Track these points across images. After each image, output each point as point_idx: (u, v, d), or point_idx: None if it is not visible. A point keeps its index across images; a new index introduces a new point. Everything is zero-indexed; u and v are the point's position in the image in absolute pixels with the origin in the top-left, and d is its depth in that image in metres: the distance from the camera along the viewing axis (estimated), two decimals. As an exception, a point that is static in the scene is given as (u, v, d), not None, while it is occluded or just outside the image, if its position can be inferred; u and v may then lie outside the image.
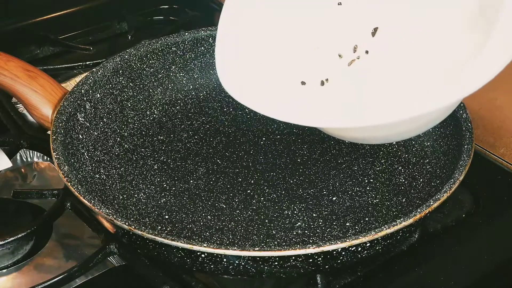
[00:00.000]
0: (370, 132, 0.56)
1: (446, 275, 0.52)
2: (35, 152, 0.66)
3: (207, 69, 0.71)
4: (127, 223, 0.48)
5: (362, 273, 0.52)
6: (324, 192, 0.58)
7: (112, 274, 0.53)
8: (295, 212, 0.56)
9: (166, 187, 0.59)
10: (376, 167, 0.61)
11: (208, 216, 0.56)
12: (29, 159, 0.66)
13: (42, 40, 0.84)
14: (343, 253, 0.47)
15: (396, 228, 0.46)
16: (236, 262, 0.47)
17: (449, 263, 0.53)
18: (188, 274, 0.51)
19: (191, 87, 0.71)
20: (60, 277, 0.51)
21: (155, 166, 0.62)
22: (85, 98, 0.62)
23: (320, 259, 0.47)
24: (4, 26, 0.84)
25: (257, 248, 0.46)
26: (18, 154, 0.66)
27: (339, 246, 0.45)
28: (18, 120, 0.69)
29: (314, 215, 0.56)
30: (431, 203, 0.48)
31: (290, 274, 0.50)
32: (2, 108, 0.71)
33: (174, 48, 0.70)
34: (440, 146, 0.59)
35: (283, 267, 0.47)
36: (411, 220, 0.47)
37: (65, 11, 0.88)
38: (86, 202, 0.50)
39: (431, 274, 0.52)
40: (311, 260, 0.47)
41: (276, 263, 0.47)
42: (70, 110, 0.60)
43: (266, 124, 0.66)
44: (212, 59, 0.69)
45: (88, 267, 0.52)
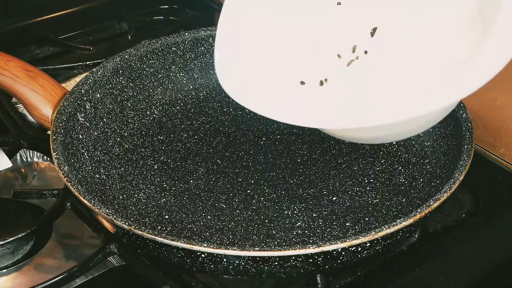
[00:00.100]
0: (370, 133, 0.56)
1: (446, 275, 0.52)
2: (35, 152, 0.66)
3: (207, 69, 0.71)
4: (127, 223, 0.48)
5: (362, 273, 0.52)
6: (324, 192, 0.58)
7: (112, 274, 0.53)
8: (295, 212, 0.56)
9: (166, 187, 0.59)
10: (376, 167, 0.61)
11: (208, 216, 0.56)
12: (29, 159, 0.66)
13: (42, 40, 0.84)
14: (343, 253, 0.47)
15: (396, 228, 0.46)
16: (236, 262, 0.47)
17: (449, 263, 0.53)
18: (188, 274, 0.51)
19: (191, 87, 0.71)
20: (60, 277, 0.51)
21: (155, 166, 0.62)
22: (85, 98, 0.62)
23: (320, 259, 0.47)
24: (4, 26, 0.84)
25: (257, 248, 0.46)
26: (18, 154, 0.66)
27: (339, 246, 0.45)
28: (18, 120, 0.69)
29: (314, 215, 0.56)
30: (431, 203, 0.48)
31: (290, 274, 0.50)
32: (2, 108, 0.71)
33: (174, 48, 0.70)
34: (440, 146, 0.59)
35: (283, 267, 0.47)
36: (411, 220, 0.47)
37: (65, 11, 0.88)
38: (86, 202, 0.50)
39: (431, 274, 0.52)
40: (311, 260, 0.47)
41: (276, 263, 0.47)
42: (70, 110, 0.60)
43: (266, 124, 0.66)
44: (212, 59, 0.69)
45: (88, 267, 0.52)
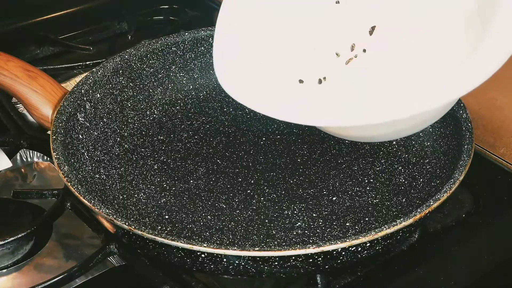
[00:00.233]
0: (368, 131, 0.56)
1: (446, 275, 0.52)
2: (35, 152, 0.66)
3: (207, 69, 0.71)
4: (127, 223, 0.48)
5: (362, 273, 0.52)
6: (324, 192, 0.58)
7: (112, 274, 0.53)
8: (295, 212, 0.56)
9: (166, 187, 0.59)
10: (376, 167, 0.60)
11: (208, 216, 0.56)
12: (29, 159, 0.66)
13: (42, 40, 0.84)
14: (343, 253, 0.47)
15: (396, 228, 0.46)
16: (236, 262, 0.47)
17: (449, 263, 0.53)
18: (188, 274, 0.51)
19: (191, 87, 0.71)
20: (60, 277, 0.51)
21: (155, 166, 0.62)
22: (85, 98, 0.62)
23: (320, 259, 0.47)
24: (4, 26, 0.84)
25: (257, 248, 0.46)
26: (18, 154, 0.66)
27: (339, 246, 0.45)
28: (18, 120, 0.69)
29: (314, 215, 0.56)
30: (431, 203, 0.48)
31: (290, 274, 0.50)
32: (2, 108, 0.71)
33: (174, 48, 0.70)
34: (440, 146, 0.59)
35: (283, 267, 0.47)
36: (411, 220, 0.47)
37: (65, 11, 0.88)
38: (86, 202, 0.50)
39: (431, 274, 0.52)
40: (311, 260, 0.47)
41: (276, 263, 0.47)
42: (70, 110, 0.60)
43: (266, 124, 0.66)
44: (212, 59, 0.69)
45: (88, 267, 0.52)
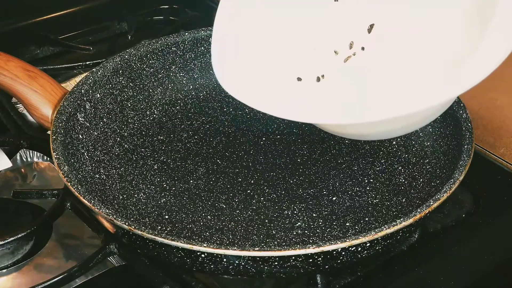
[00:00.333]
0: (367, 128, 0.56)
1: (446, 275, 0.52)
2: (35, 152, 0.66)
3: (207, 69, 0.71)
4: (127, 223, 0.48)
5: (362, 273, 0.52)
6: (324, 192, 0.58)
7: (112, 274, 0.53)
8: (295, 212, 0.56)
9: (166, 187, 0.59)
10: (376, 167, 0.60)
11: (208, 216, 0.56)
12: (29, 159, 0.66)
13: (42, 40, 0.84)
14: (343, 253, 0.47)
15: (396, 228, 0.46)
16: (236, 262, 0.47)
17: (449, 263, 0.53)
18: (188, 274, 0.51)
19: (191, 87, 0.71)
20: (60, 277, 0.51)
21: (155, 166, 0.62)
22: (85, 98, 0.62)
23: (320, 259, 0.47)
24: (4, 26, 0.84)
25: (257, 248, 0.46)
26: (18, 154, 0.66)
27: (339, 246, 0.45)
28: (18, 120, 0.69)
29: (314, 215, 0.56)
30: (431, 203, 0.48)
31: (290, 274, 0.50)
32: (2, 108, 0.71)
33: (174, 48, 0.70)
34: (440, 146, 0.59)
35: (283, 267, 0.47)
36: (411, 220, 0.47)
37: (65, 11, 0.88)
38: (86, 202, 0.50)
39: (431, 274, 0.52)
40: (311, 260, 0.47)
41: (276, 263, 0.47)
42: (70, 110, 0.60)
43: (266, 124, 0.66)
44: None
45: (88, 267, 0.52)
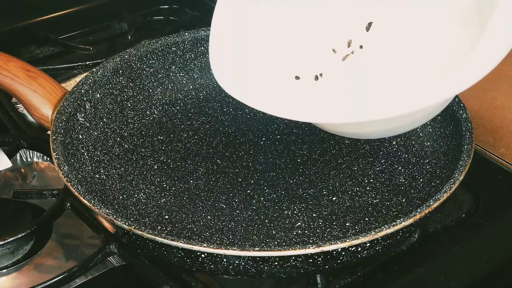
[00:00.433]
0: (364, 127, 0.56)
1: (446, 275, 0.52)
2: (35, 152, 0.66)
3: (207, 69, 0.71)
4: (127, 223, 0.48)
5: (362, 273, 0.52)
6: (324, 192, 0.58)
7: (112, 274, 0.53)
8: (295, 212, 0.56)
9: (166, 187, 0.59)
10: (376, 167, 0.60)
11: (208, 216, 0.56)
12: (29, 159, 0.66)
13: (42, 40, 0.84)
14: (343, 253, 0.47)
15: (396, 228, 0.46)
16: (236, 262, 0.47)
17: (449, 263, 0.53)
18: (188, 274, 0.51)
19: (191, 87, 0.71)
20: (60, 277, 0.51)
21: (155, 166, 0.62)
22: (85, 98, 0.62)
23: (320, 259, 0.47)
24: (4, 26, 0.84)
25: (257, 248, 0.46)
26: (18, 154, 0.66)
27: (339, 246, 0.45)
28: (18, 120, 0.69)
29: (314, 215, 0.56)
30: (431, 203, 0.48)
31: (290, 274, 0.50)
32: (2, 108, 0.71)
33: (174, 48, 0.70)
34: (440, 146, 0.59)
35: (283, 267, 0.47)
36: (411, 220, 0.47)
37: (65, 11, 0.88)
38: (86, 202, 0.50)
39: (431, 274, 0.52)
40: (311, 260, 0.47)
41: (276, 263, 0.47)
42: (70, 110, 0.60)
43: (266, 124, 0.66)
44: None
45: (88, 267, 0.52)
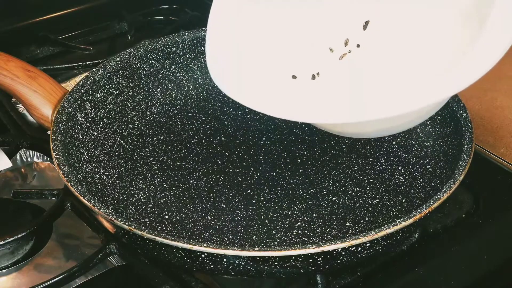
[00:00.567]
0: (363, 127, 0.55)
1: (446, 275, 0.52)
2: (35, 152, 0.66)
3: (207, 69, 0.70)
4: (127, 223, 0.48)
5: (362, 273, 0.52)
6: (324, 192, 0.58)
7: (112, 274, 0.53)
8: (295, 212, 0.56)
9: (166, 187, 0.59)
10: (376, 167, 0.60)
11: (208, 216, 0.56)
12: (29, 159, 0.66)
13: (42, 40, 0.84)
14: (343, 253, 0.47)
15: (396, 228, 0.46)
16: (236, 262, 0.47)
17: (449, 263, 0.53)
18: (188, 274, 0.51)
19: (191, 87, 0.71)
20: (60, 277, 0.51)
21: (155, 166, 0.62)
22: (85, 98, 0.62)
23: (320, 259, 0.47)
24: (4, 26, 0.84)
25: (257, 248, 0.46)
26: (18, 154, 0.66)
27: (339, 246, 0.45)
28: (18, 120, 0.69)
29: (314, 215, 0.56)
30: (431, 203, 0.48)
31: (290, 274, 0.50)
32: (2, 108, 0.71)
33: (174, 48, 0.70)
34: (440, 146, 0.59)
35: (283, 267, 0.47)
36: (411, 220, 0.47)
37: (65, 11, 0.88)
38: (86, 202, 0.50)
39: (431, 274, 0.52)
40: (311, 260, 0.47)
41: (276, 263, 0.47)
42: (70, 110, 0.60)
43: (266, 124, 0.66)
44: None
45: (88, 267, 0.52)
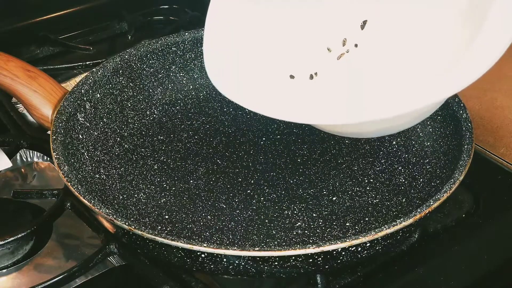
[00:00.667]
0: (362, 127, 0.55)
1: (446, 275, 0.52)
2: (35, 152, 0.66)
3: (207, 69, 0.70)
4: (127, 223, 0.48)
5: (362, 273, 0.52)
6: (324, 192, 0.58)
7: (112, 274, 0.53)
8: (295, 212, 0.56)
9: (166, 187, 0.59)
10: (376, 167, 0.60)
11: (208, 216, 0.56)
12: (29, 159, 0.66)
13: (42, 40, 0.84)
14: (343, 253, 0.47)
15: (396, 228, 0.46)
16: (236, 262, 0.47)
17: (449, 263, 0.53)
18: (188, 274, 0.51)
19: (191, 87, 0.71)
20: (60, 277, 0.51)
21: (155, 166, 0.62)
22: (85, 98, 0.62)
23: (320, 259, 0.47)
24: (4, 26, 0.84)
25: (257, 248, 0.46)
26: (18, 154, 0.66)
27: (339, 246, 0.45)
28: (18, 120, 0.69)
29: (314, 215, 0.56)
30: (431, 203, 0.48)
31: (290, 274, 0.50)
32: (2, 108, 0.71)
33: (174, 48, 0.70)
34: (440, 146, 0.59)
35: (283, 267, 0.47)
36: (411, 220, 0.47)
37: (65, 11, 0.88)
38: (86, 202, 0.50)
39: (431, 274, 0.52)
40: (311, 260, 0.47)
41: (276, 263, 0.47)
42: (70, 110, 0.60)
43: (266, 124, 0.66)
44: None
45: (88, 267, 0.52)
